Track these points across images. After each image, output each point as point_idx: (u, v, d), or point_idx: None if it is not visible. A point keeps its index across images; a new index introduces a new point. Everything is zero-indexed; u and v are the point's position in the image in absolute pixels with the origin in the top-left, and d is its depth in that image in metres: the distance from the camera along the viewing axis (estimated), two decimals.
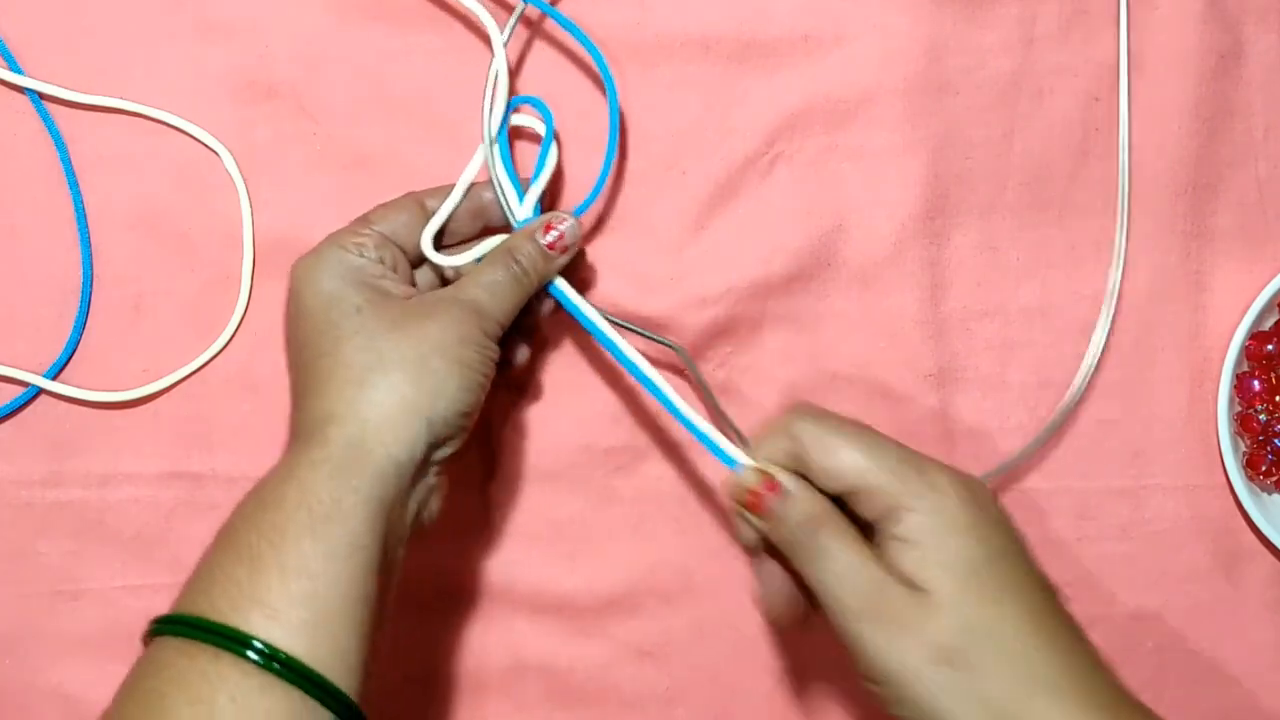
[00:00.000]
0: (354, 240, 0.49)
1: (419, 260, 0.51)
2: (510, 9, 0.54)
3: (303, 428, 0.46)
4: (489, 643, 0.56)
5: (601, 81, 0.55)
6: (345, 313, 0.46)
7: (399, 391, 0.45)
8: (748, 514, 0.46)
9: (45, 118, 0.55)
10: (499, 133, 0.52)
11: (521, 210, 0.52)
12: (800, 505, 0.44)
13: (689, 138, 0.56)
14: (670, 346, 0.52)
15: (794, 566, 0.45)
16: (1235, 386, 0.57)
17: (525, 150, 0.55)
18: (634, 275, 0.56)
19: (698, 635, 0.57)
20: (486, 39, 0.54)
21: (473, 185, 0.52)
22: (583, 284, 0.56)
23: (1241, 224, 0.57)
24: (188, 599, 0.42)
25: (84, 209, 0.55)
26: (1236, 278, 0.57)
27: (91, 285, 0.55)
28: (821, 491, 0.45)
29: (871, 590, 0.43)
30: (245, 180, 0.55)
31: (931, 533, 0.43)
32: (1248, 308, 0.56)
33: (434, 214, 0.51)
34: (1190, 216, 0.57)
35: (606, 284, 0.56)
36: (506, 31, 0.52)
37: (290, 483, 0.43)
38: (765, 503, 0.45)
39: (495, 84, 0.52)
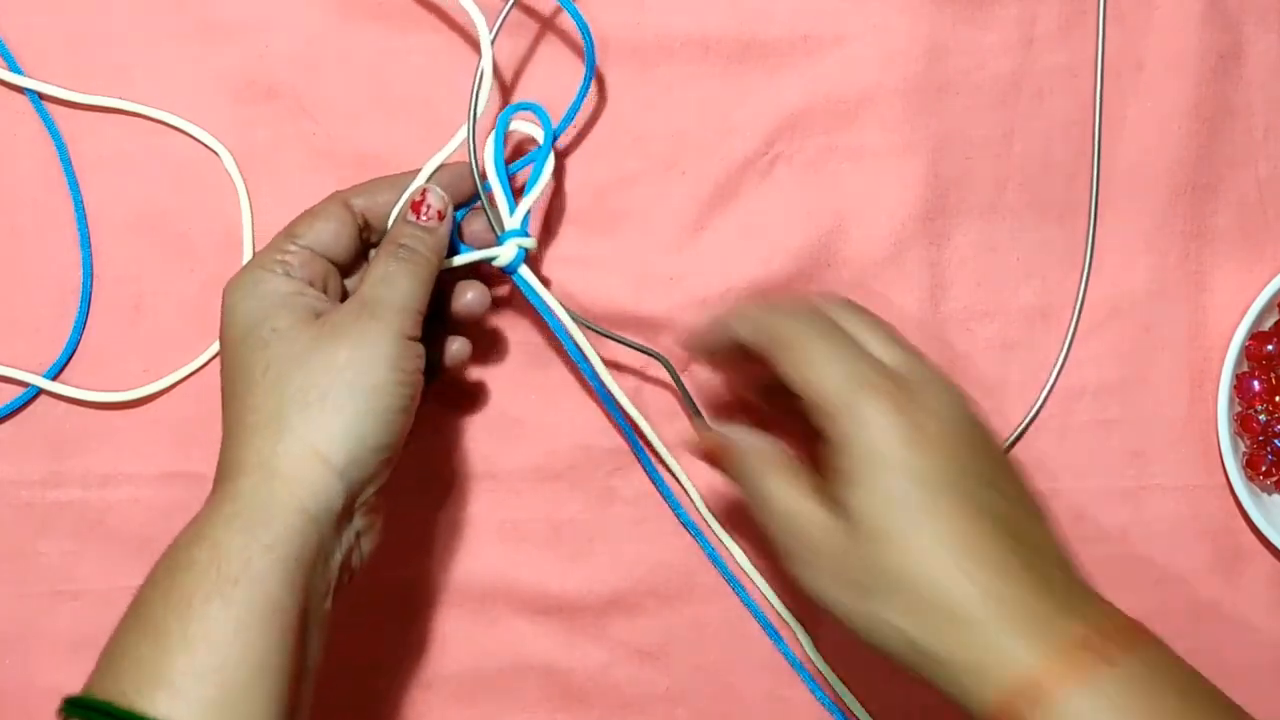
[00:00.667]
0: (277, 258, 0.47)
1: (353, 266, 0.50)
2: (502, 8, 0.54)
3: (219, 476, 0.45)
4: (489, 643, 0.56)
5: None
6: (258, 344, 0.45)
7: (304, 438, 0.43)
8: (706, 450, 0.50)
9: (45, 118, 0.55)
10: (496, 139, 0.52)
11: (510, 222, 0.51)
12: (746, 459, 0.47)
13: (689, 138, 0.56)
14: (653, 355, 0.53)
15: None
16: (1235, 386, 0.57)
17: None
18: (634, 275, 0.56)
19: (698, 635, 0.57)
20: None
21: (441, 168, 0.50)
22: (583, 284, 0.56)
23: (1241, 224, 0.57)
24: (97, 679, 0.41)
25: (84, 209, 0.55)
26: (1236, 278, 0.57)
27: (91, 285, 0.55)
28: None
29: (801, 531, 0.44)
30: (245, 180, 0.55)
31: (864, 468, 0.43)
32: (1248, 308, 0.56)
33: (362, 212, 0.49)
34: (1190, 216, 0.57)
35: (606, 284, 0.55)
36: (495, 29, 0.52)
37: (201, 543, 0.42)
38: (715, 456, 0.49)
39: (480, 81, 0.51)
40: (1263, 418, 0.57)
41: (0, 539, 0.55)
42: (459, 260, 0.50)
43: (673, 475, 0.56)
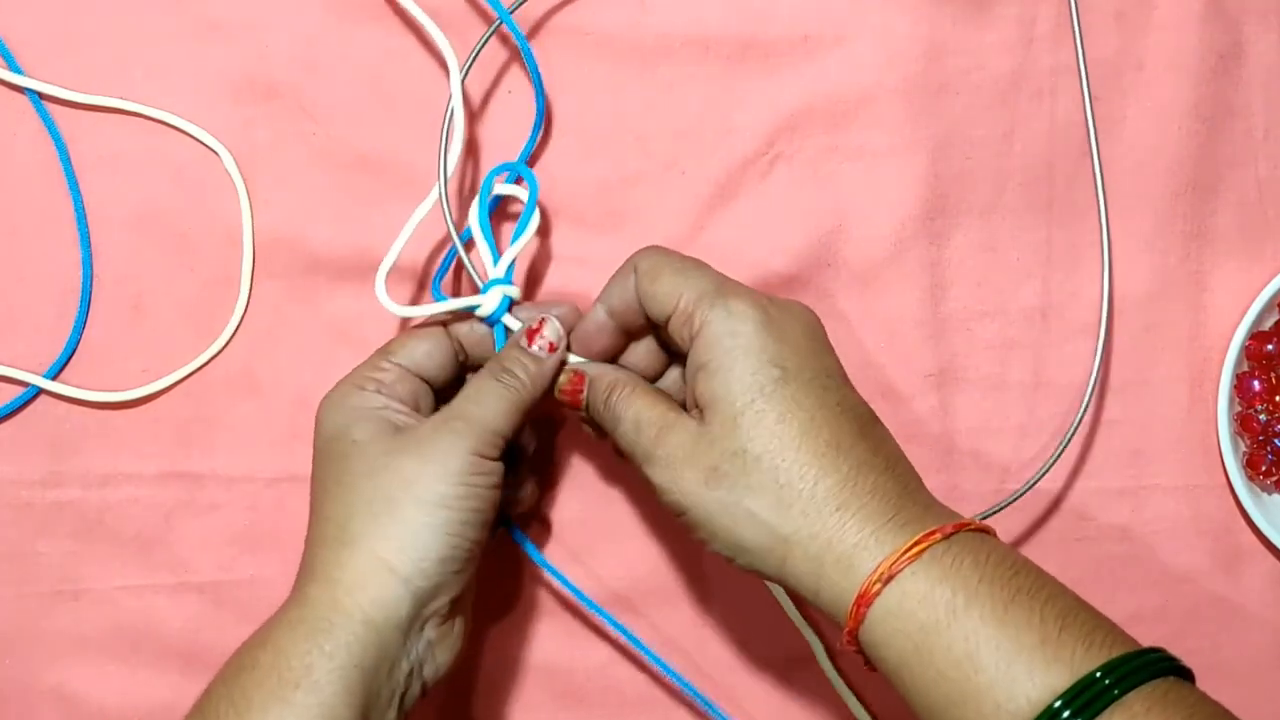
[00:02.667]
0: (369, 375, 0.48)
1: (449, 389, 0.50)
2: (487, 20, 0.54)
3: (295, 583, 0.46)
4: (489, 643, 0.56)
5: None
6: (337, 455, 0.46)
7: (370, 547, 0.44)
8: (569, 408, 0.49)
9: (45, 118, 0.55)
10: (481, 201, 0.51)
11: (494, 271, 0.50)
12: (597, 384, 0.48)
13: (689, 138, 0.56)
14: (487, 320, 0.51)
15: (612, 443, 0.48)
16: (1235, 386, 0.57)
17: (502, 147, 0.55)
18: None
19: (698, 635, 0.57)
20: (491, 37, 0.54)
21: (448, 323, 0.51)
22: (583, 284, 0.56)
23: (1241, 224, 0.57)
24: None
25: (84, 209, 0.55)
26: (1236, 278, 0.57)
27: (91, 285, 0.55)
28: (652, 322, 0.47)
29: (656, 433, 0.45)
30: (245, 180, 0.55)
31: (722, 354, 0.44)
32: (1248, 308, 0.56)
33: (459, 337, 0.50)
34: (1190, 216, 0.57)
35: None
36: (465, 67, 0.52)
37: (265, 646, 0.43)
38: (578, 394, 0.49)
39: (450, 122, 0.51)
40: (1263, 418, 0.57)
41: (0, 539, 0.55)
42: (437, 309, 0.50)
43: None
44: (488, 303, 0.50)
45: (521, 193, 0.52)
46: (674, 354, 0.50)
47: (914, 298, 0.56)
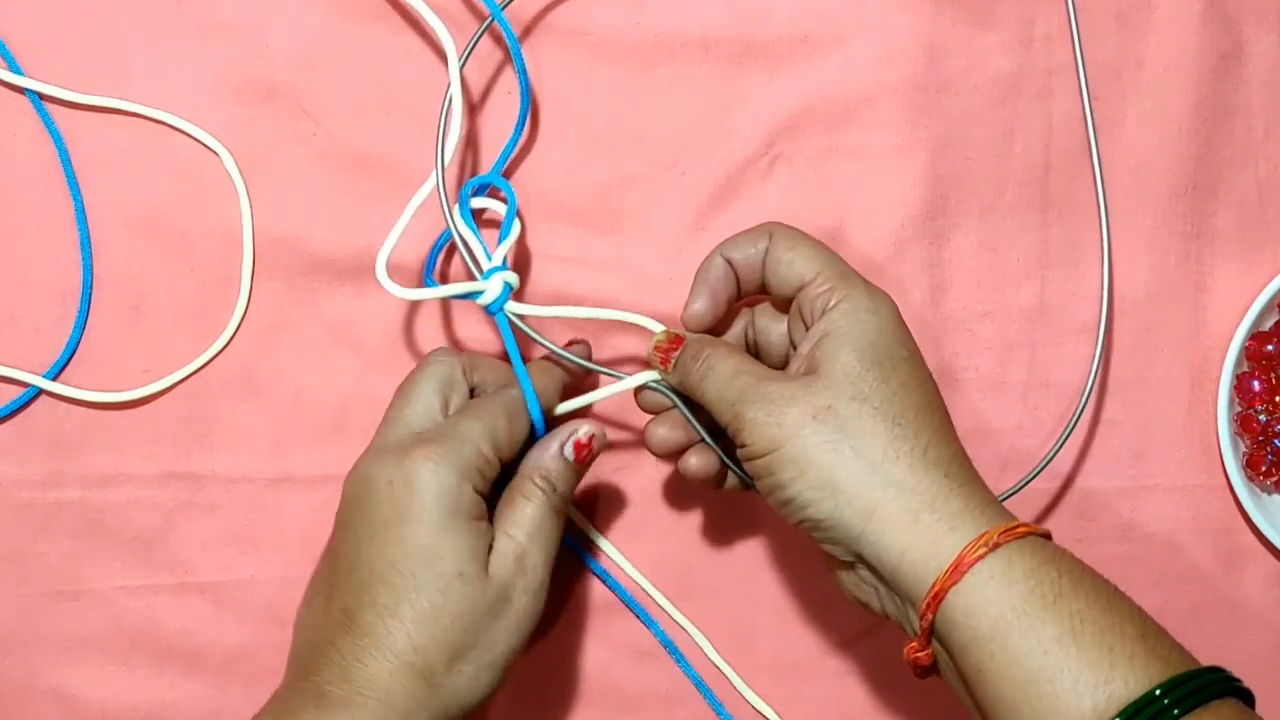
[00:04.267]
0: (479, 468, 0.46)
1: (509, 462, 0.49)
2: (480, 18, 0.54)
3: (344, 670, 0.44)
4: None
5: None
6: (436, 581, 0.45)
7: (442, 702, 0.45)
8: (659, 368, 0.49)
9: (45, 118, 0.55)
10: (463, 208, 0.51)
11: (491, 262, 0.50)
12: (693, 345, 0.49)
13: (689, 138, 0.55)
14: (647, 385, 0.51)
15: (696, 403, 0.48)
16: (1235, 387, 0.57)
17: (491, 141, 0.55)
18: (634, 275, 0.56)
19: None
20: (489, 37, 0.54)
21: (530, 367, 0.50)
22: (583, 284, 0.56)
23: (1241, 224, 0.57)
24: None
25: (84, 209, 0.55)
26: (1236, 278, 0.57)
27: (91, 285, 0.55)
28: (774, 290, 0.49)
29: (752, 382, 0.46)
30: (245, 180, 0.55)
31: (859, 325, 0.46)
32: (1248, 308, 0.56)
33: (530, 418, 0.49)
34: (1190, 216, 0.57)
35: (606, 284, 0.56)
36: (464, 56, 0.52)
37: None
38: (670, 353, 0.49)
39: (448, 109, 0.51)
40: (1263, 418, 0.57)
41: (0, 539, 0.55)
42: (440, 293, 0.49)
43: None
44: (490, 289, 0.50)
45: (499, 206, 0.52)
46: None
47: (914, 298, 0.56)
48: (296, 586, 0.49)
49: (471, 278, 0.50)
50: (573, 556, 0.56)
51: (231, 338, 0.55)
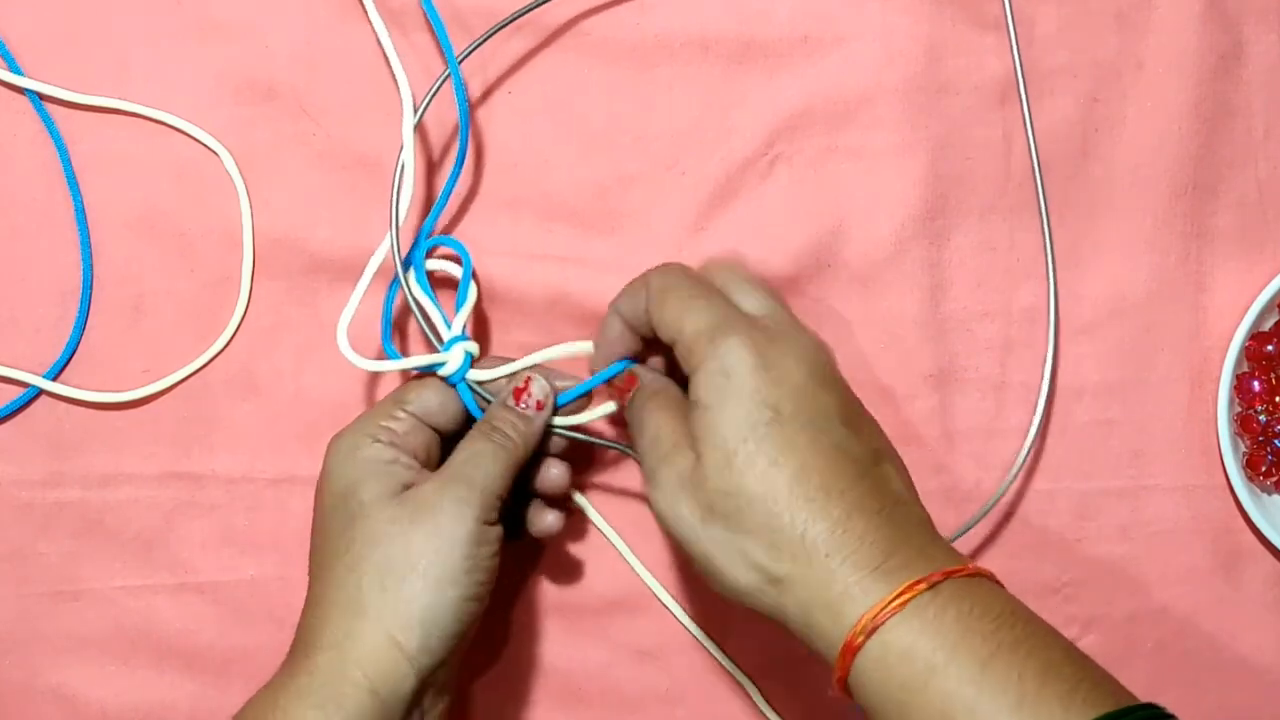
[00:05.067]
0: (382, 424, 0.49)
1: (457, 436, 0.50)
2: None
3: (298, 641, 0.47)
4: (489, 642, 0.56)
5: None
6: (346, 518, 0.47)
7: (379, 621, 0.45)
8: (617, 399, 0.50)
9: (45, 118, 0.55)
10: (418, 272, 0.52)
11: (450, 332, 0.51)
12: (641, 391, 0.49)
13: (689, 138, 0.55)
14: (626, 451, 0.52)
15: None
16: (1235, 387, 0.57)
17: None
18: (634, 275, 0.55)
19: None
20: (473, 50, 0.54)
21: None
22: (583, 284, 0.55)
23: (1241, 224, 0.57)
24: None
25: (84, 209, 0.55)
26: (1236, 278, 0.57)
27: (91, 285, 0.55)
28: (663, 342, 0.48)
29: (663, 456, 0.46)
30: (245, 180, 0.55)
31: (715, 393, 0.44)
32: (1248, 308, 0.56)
33: (474, 384, 0.50)
34: (1190, 216, 0.57)
35: (606, 284, 0.55)
36: (419, 112, 0.52)
37: (274, 712, 0.44)
38: (627, 392, 0.50)
39: (400, 176, 0.51)
40: (1263, 418, 0.57)
41: (0, 539, 0.55)
42: (401, 365, 0.50)
43: None
44: (452, 360, 0.50)
45: (455, 268, 0.53)
46: None
47: (914, 298, 0.56)
48: (296, 586, 0.49)
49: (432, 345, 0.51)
50: (574, 556, 0.56)
51: (231, 338, 0.55)
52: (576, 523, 0.56)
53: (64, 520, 0.55)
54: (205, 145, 0.55)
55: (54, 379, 0.55)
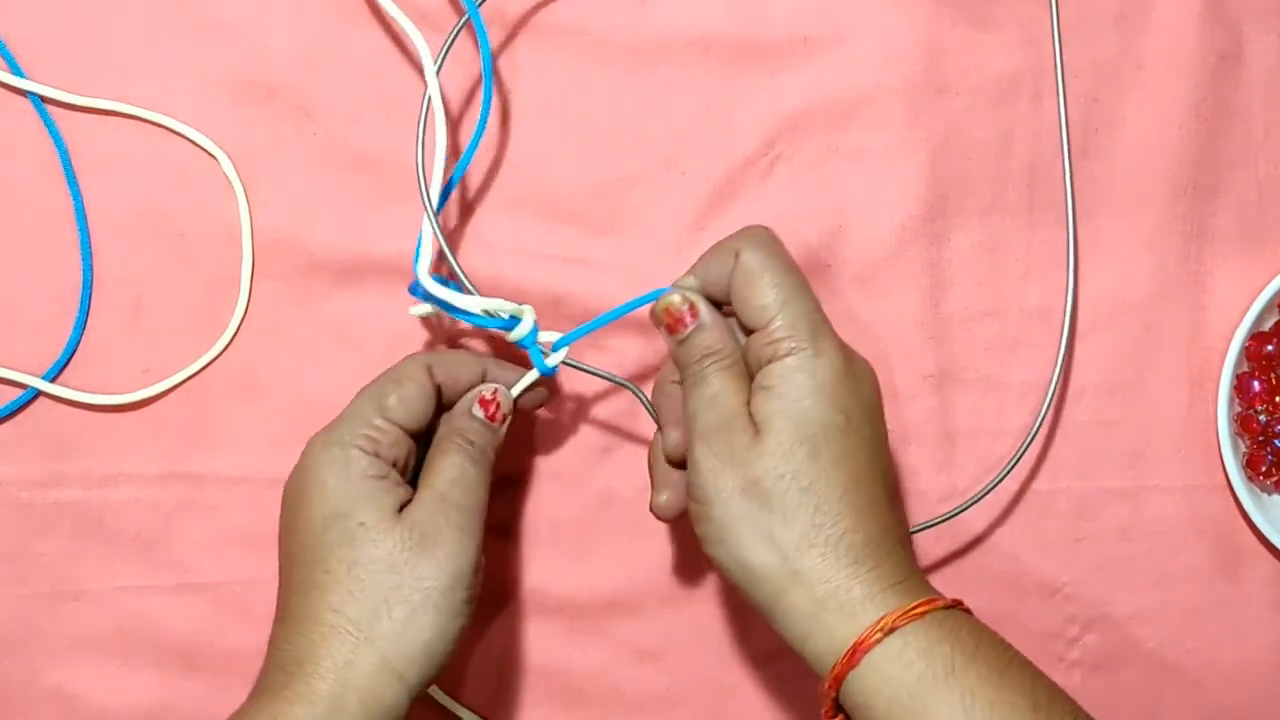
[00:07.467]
0: (366, 434, 0.48)
1: (422, 431, 0.50)
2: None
3: (287, 660, 0.46)
4: (489, 643, 0.56)
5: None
6: (345, 537, 0.46)
7: (383, 652, 0.45)
8: (664, 330, 0.48)
9: (46, 120, 0.55)
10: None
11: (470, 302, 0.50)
12: (706, 336, 0.47)
13: (689, 138, 0.56)
14: (625, 385, 0.52)
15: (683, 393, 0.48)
16: (1235, 387, 0.57)
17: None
18: (633, 275, 0.56)
19: (698, 635, 0.57)
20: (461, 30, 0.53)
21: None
22: (583, 284, 0.55)
23: (1241, 224, 0.57)
24: None
25: (84, 210, 0.55)
26: (1236, 278, 0.57)
27: (91, 286, 0.55)
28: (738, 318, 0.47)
29: (723, 420, 0.45)
30: (245, 181, 0.55)
31: (794, 386, 0.45)
32: (1248, 308, 0.56)
33: (440, 383, 0.50)
34: (1190, 216, 0.57)
35: (606, 284, 0.55)
36: (439, 59, 0.52)
37: None
38: (683, 325, 0.47)
39: (427, 111, 0.51)
40: (1263, 418, 0.56)
41: (0, 539, 0.55)
42: (482, 304, 0.49)
43: None
44: (526, 322, 0.49)
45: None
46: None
47: (914, 298, 0.56)
48: None
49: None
50: (574, 555, 0.57)
51: (232, 338, 0.55)
52: (576, 522, 0.56)
53: (64, 520, 0.55)
54: (204, 147, 0.55)
55: (54, 379, 0.55)
